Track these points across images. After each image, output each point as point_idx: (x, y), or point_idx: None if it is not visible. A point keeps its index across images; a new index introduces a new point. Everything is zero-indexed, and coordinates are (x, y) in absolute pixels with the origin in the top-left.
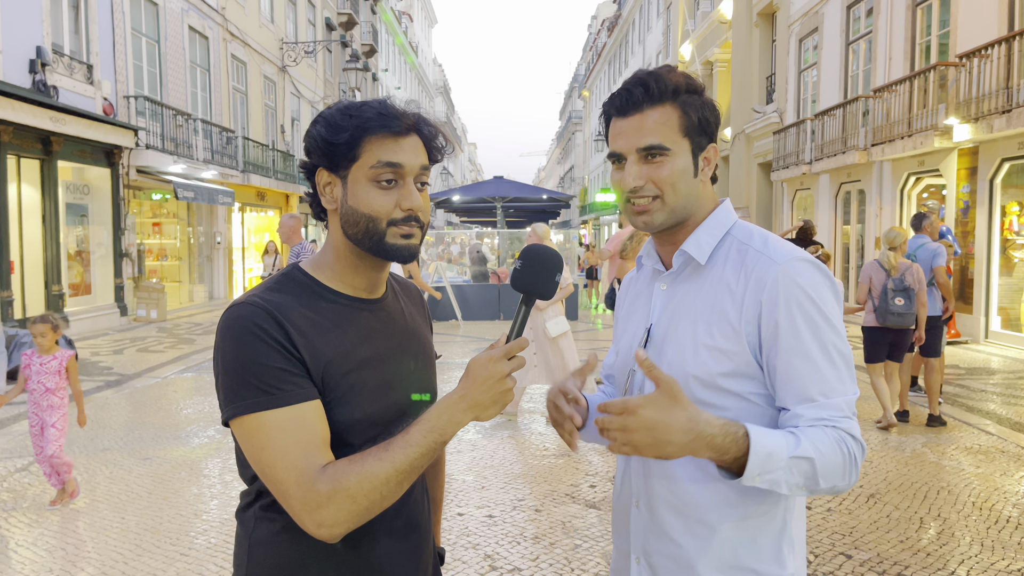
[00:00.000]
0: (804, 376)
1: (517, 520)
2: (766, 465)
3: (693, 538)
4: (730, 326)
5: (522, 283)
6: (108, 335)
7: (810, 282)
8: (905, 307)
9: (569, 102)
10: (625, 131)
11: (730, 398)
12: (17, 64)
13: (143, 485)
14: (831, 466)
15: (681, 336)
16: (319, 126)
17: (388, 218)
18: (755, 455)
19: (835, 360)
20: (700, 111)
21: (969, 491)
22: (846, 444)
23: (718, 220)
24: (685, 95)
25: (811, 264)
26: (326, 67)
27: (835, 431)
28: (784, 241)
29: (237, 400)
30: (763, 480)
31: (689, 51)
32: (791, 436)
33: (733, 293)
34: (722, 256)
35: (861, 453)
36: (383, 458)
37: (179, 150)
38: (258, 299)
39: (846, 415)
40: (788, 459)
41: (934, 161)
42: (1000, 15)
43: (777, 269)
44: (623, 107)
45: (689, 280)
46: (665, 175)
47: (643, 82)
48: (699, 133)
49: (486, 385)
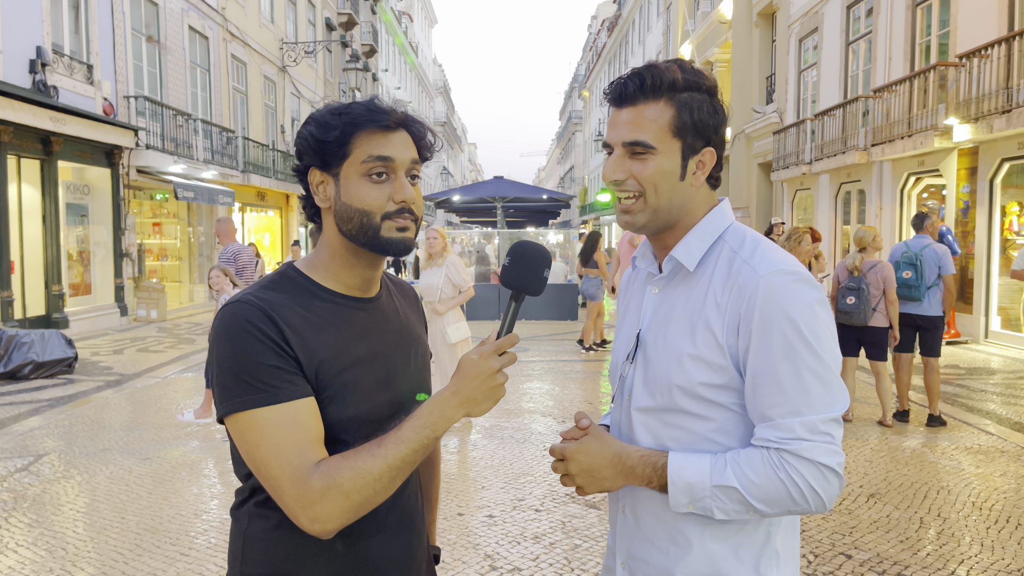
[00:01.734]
0: (767, 395)
1: (517, 520)
2: (691, 494)
3: (674, 547)
4: (713, 337)
5: (511, 280)
6: (108, 335)
7: (789, 298)
8: (854, 305)
9: (569, 102)
10: (616, 122)
11: (713, 408)
12: (17, 64)
13: (143, 485)
14: (767, 493)
15: (667, 344)
16: (309, 126)
17: (382, 212)
18: (672, 485)
19: (805, 380)
20: (698, 111)
21: (969, 491)
22: (786, 469)
23: (711, 224)
24: (684, 92)
25: (795, 277)
26: (326, 67)
27: (776, 454)
28: (774, 249)
29: (232, 397)
30: (695, 507)
31: (689, 51)
32: (720, 462)
33: (718, 303)
34: (712, 262)
35: (822, 477)
36: (376, 454)
37: (179, 150)
38: (253, 297)
39: (799, 436)
40: (711, 488)
41: (934, 161)
42: (1000, 15)
43: (758, 281)
44: (618, 98)
45: (679, 286)
46: (647, 174)
47: (640, 75)
48: (693, 134)
49: (477, 381)
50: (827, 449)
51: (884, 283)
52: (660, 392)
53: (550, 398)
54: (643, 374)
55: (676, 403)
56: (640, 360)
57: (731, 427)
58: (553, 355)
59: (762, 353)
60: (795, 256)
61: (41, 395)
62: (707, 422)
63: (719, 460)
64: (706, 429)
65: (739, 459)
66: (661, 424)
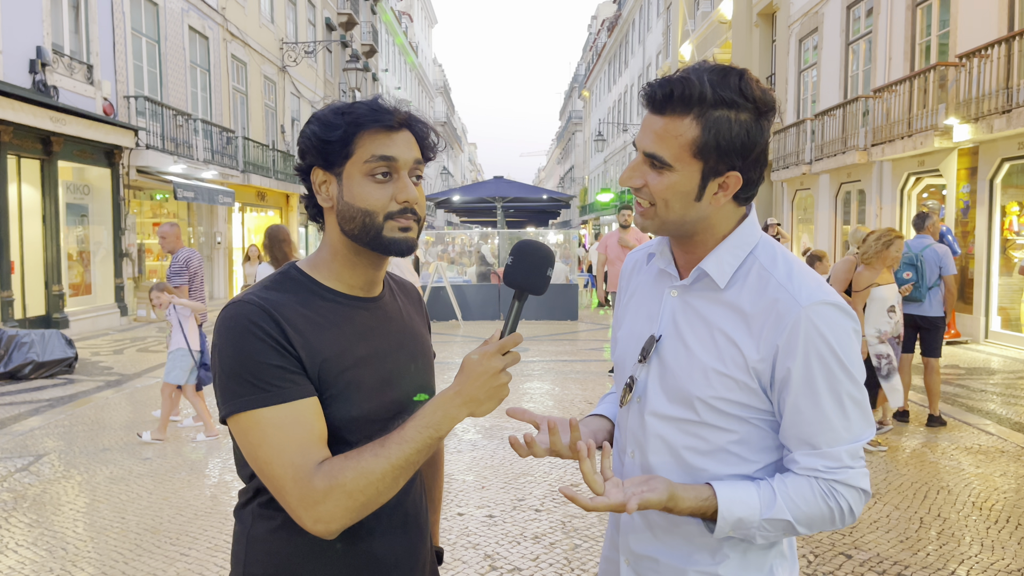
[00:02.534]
0: (810, 423)
1: (517, 520)
2: (740, 528)
3: (682, 545)
4: (742, 356)
5: (514, 279)
6: (108, 335)
7: (832, 329)
8: None
9: (569, 102)
10: (645, 128)
11: (735, 422)
12: (17, 64)
13: (143, 485)
14: (812, 519)
15: (689, 355)
16: (312, 126)
17: (385, 211)
18: (723, 520)
19: (847, 409)
20: (727, 133)
21: (969, 491)
22: (835, 497)
23: (742, 239)
24: (713, 109)
25: (836, 308)
26: (326, 67)
27: (826, 484)
28: (808, 272)
29: (234, 397)
30: (736, 534)
31: (689, 51)
32: (768, 493)
33: (750, 325)
34: (740, 278)
35: (859, 500)
36: (379, 454)
37: (179, 150)
38: (255, 297)
39: (846, 465)
40: (761, 520)
41: (934, 161)
42: (1000, 15)
43: (799, 313)
44: (649, 102)
45: (703, 296)
46: (660, 188)
47: (669, 84)
48: (717, 157)
49: (480, 380)
50: (864, 473)
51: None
52: (680, 403)
53: (550, 398)
54: (659, 380)
55: (698, 415)
56: (656, 364)
57: (752, 439)
58: (553, 355)
59: (805, 383)
60: (880, 260)
61: (41, 395)
62: (728, 434)
63: (765, 491)
64: (725, 440)
65: (788, 491)
66: (678, 432)
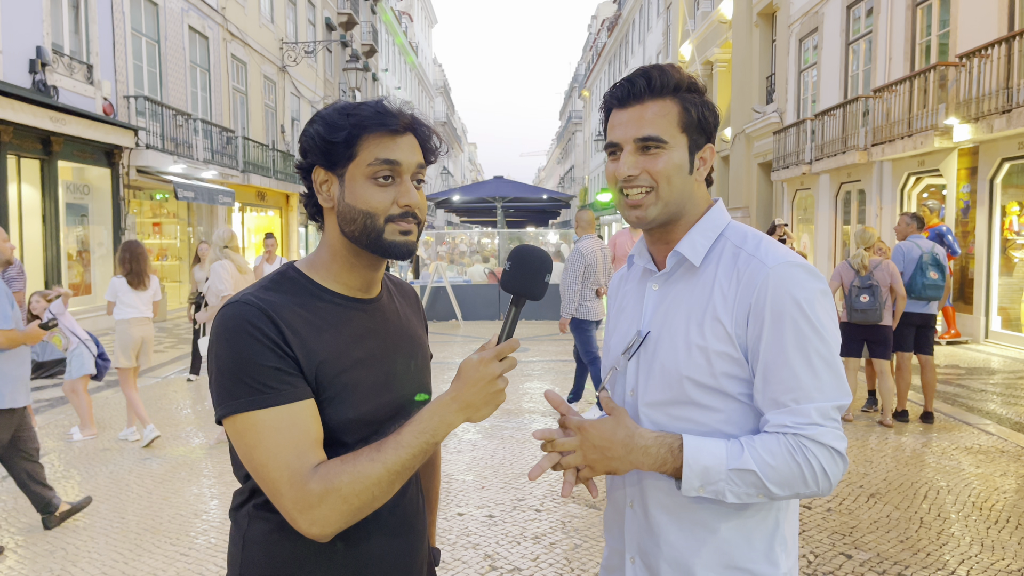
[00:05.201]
0: (780, 381)
1: (517, 520)
2: (705, 478)
3: (687, 539)
4: (722, 327)
5: (512, 285)
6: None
7: (800, 287)
8: (869, 303)
9: (569, 102)
10: (624, 121)
11: (722, 399)
12: (17, 64)
13: (143, 485)
14: (783, 476)
15: (674, 337)
16: (316, 125)
17: (386, 214)
18: (688, 468)
19: (816, 367)
20: (700, 109)
21: (969, 491)
22: (803, 453)
23: (712, 221)
24: (686, 92)
25: (802, 268)
26: (326, 67)
27: (794, 439)
28: (777, 244)
29: (230, 399)
30: (706, 491)
31: (689, 51)
32: (736, 446)
33: (725, 295)
34: (715, 258)
35: (832, 460)
36: (375, 458)
37: (179, 150)
38: (253, 298)
39: (814, 422)
40: (728, 471)
41: (934, 161)
42: (1000, 15)
43: (767, 272)
44: (624, 97)
45: (682, 281)
46: (660, 167)
47: (646, 74)
48: (697, 131)
49: (478, 386)
50: (837, 434)
51: (892, 279)
52: (669, 385)
53: None
54: (648, 369)
55: (686, 394)
56: (643, 356)
57: (739, 418)
58: (553, 355)
59: (774, 340)
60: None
61: (41, 395)
62: (715, 413)
63: (734, 444)
64: (714, 420)
65: (755, 443)
66: (668, 418)
